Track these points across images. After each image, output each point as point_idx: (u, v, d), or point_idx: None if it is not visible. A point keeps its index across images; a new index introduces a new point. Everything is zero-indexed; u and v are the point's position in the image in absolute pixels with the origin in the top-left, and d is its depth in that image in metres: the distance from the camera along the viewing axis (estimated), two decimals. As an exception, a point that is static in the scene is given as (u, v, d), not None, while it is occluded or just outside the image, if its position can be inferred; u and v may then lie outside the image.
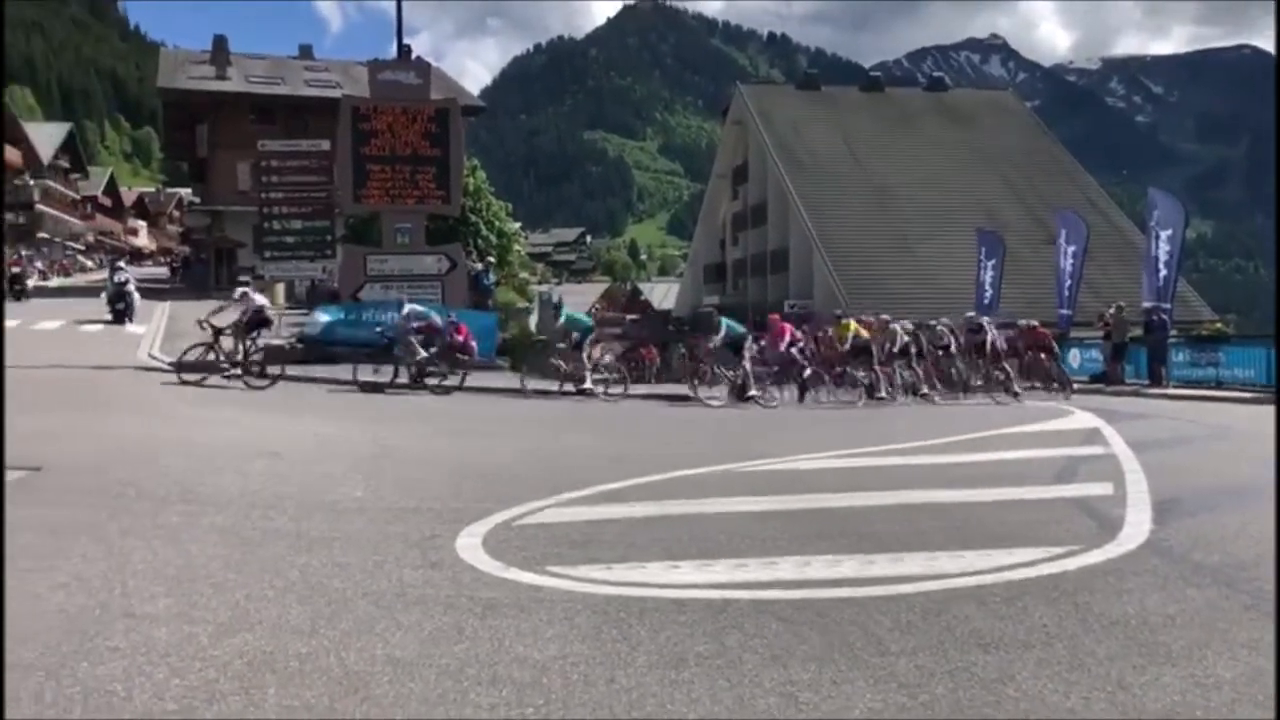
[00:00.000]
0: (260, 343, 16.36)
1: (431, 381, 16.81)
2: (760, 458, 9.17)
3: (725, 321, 18.00)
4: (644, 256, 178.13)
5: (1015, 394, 18.77)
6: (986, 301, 29.08)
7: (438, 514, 6.15)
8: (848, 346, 18.44)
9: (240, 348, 15.94)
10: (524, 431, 12.07)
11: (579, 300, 45.72)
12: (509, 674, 3.48)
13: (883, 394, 17.97)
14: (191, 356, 15.67)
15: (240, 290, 17.04)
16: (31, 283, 17.97)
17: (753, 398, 16.70)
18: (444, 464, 8.55)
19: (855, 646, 3.85)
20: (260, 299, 16.75)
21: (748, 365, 16.97)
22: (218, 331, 15.86)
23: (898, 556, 5.33)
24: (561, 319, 17.81)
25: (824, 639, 3.93)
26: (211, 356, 15.75)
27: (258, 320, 16.16)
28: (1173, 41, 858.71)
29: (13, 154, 54.42)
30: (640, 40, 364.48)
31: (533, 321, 17.32)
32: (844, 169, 48.00)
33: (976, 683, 3.51)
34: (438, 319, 17.40)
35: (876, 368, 18.20)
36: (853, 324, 18.97)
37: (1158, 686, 3.50)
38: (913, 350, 19.13)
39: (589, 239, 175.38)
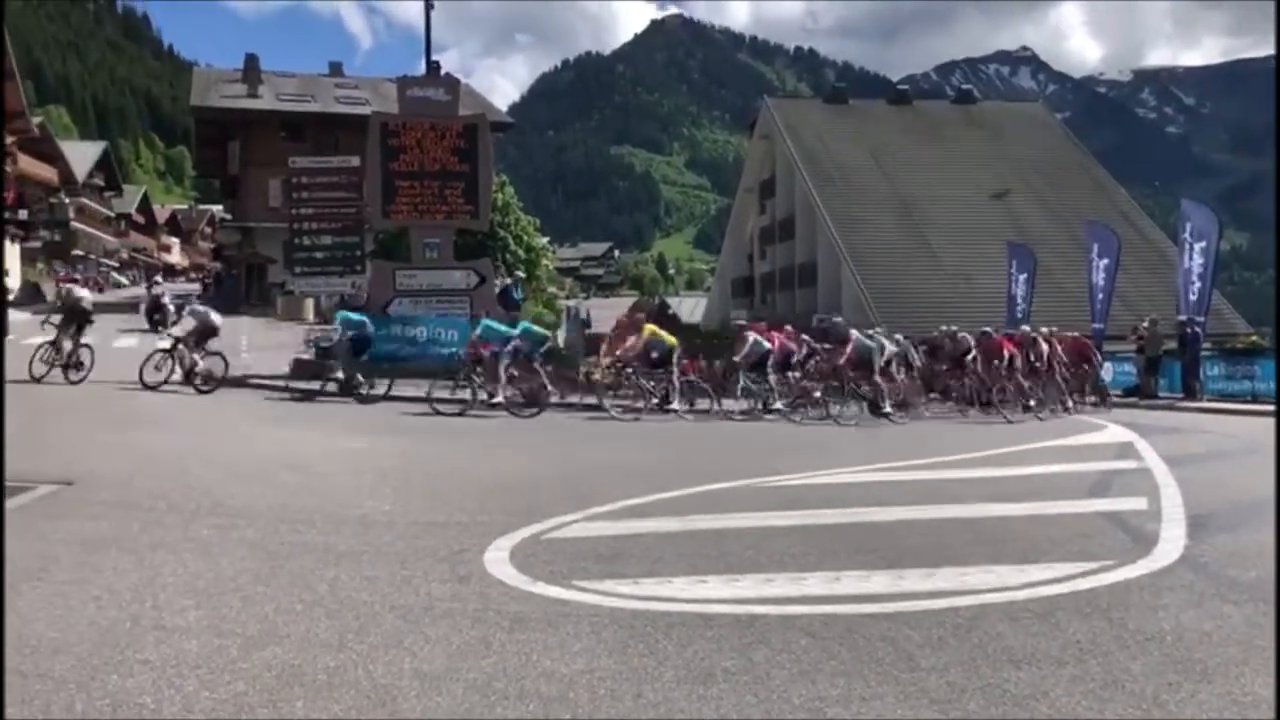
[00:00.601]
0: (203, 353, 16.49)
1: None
2: (784, 473, 9.13)
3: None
4: (672, 270, 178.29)
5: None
6: (1019, 315, 28.84)
7: (465, 528, 6.16)
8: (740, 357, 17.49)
9: (189, 358, 16.25)
10: (551, 445, 12.07)
11: (604, 315, 45.68)
12: (536, 688, 3.48)
13: (886, 409, 17.03)
14: (152, 364, 15.98)
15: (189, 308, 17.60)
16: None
17: (674, 410, 16.19)
18: (471, 477, 8.56)
19: (885, 662, 3.81)
20: (208, 317, 17.02)
21: (674, 378, 16.62)
22: (177, 340, 16.37)
23: (929, 571, 5.28)
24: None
25: (853, 654, 3.89)
26: (171, 364, 16.10)
27: (204, 330, 16.56)
28: (1204, 52, 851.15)
29: (49, 171, 55.32)
30: (668, 55, 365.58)
31: (560, 336, 17.13)
32: (872, 182, 47.84)
33: (1009, 699, 3.46)
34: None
35: (879, 379, 17.38)
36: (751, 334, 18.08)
37: (1194, 704, 3.45)
38: (893, 364, 18.14)
39: (617, 253, 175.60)
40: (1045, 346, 19.29)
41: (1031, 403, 18.17)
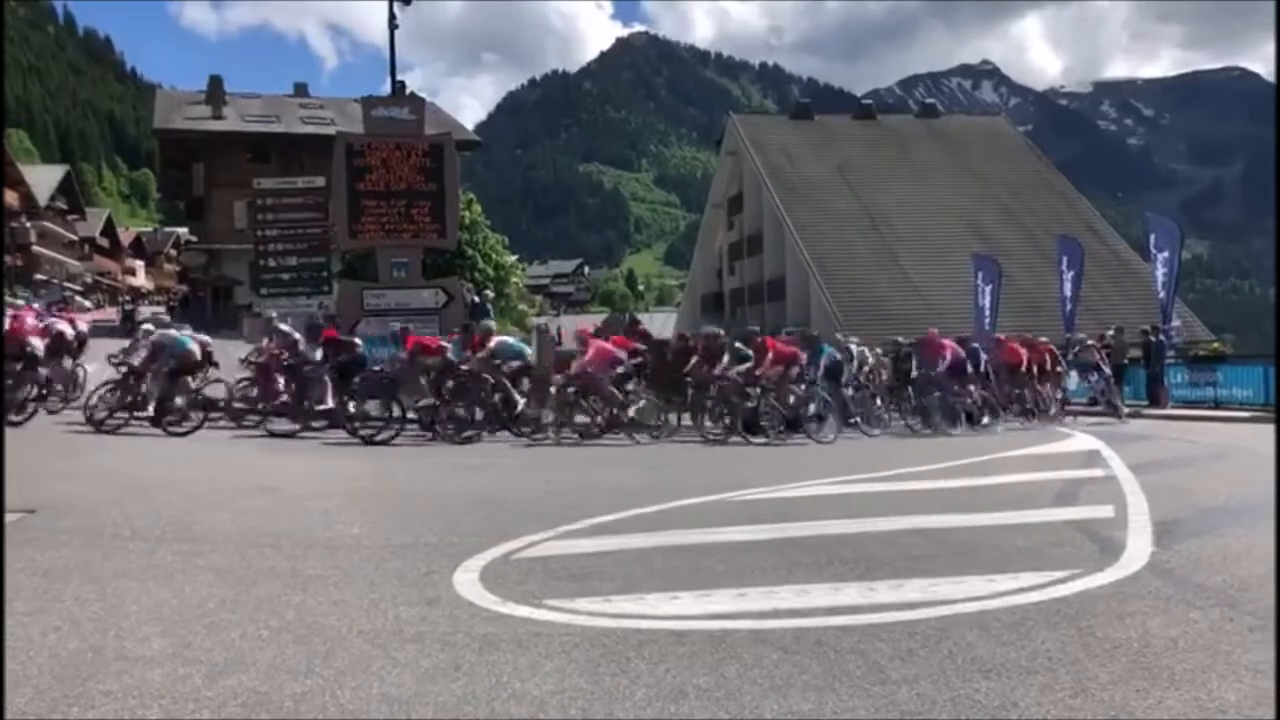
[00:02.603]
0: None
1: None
2: (755, 486, 9.13)
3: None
4: (641, 287, 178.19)
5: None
6: (986, 326, 29.11)
7: (435, 549, 6.11)
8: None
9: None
10: (525, 465, 12.03)
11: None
12: (507, 710, 3.45)
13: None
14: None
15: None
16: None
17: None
18: (441, 498, 8.51)
19: (855, 675, 3.81)
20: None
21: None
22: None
23: (898, 583, 5.30)
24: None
25: (824, 668, 3.89)
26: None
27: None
28: (1161, 65, 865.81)
29: (11, 196, 54.84)
30: (634, 73, 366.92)
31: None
32: (838, 196, 48.15)
33: (979, 710, 3.47)
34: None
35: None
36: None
37: (1161, 710, 3.47)
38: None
39: (586, 270, 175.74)
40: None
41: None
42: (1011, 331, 22.71)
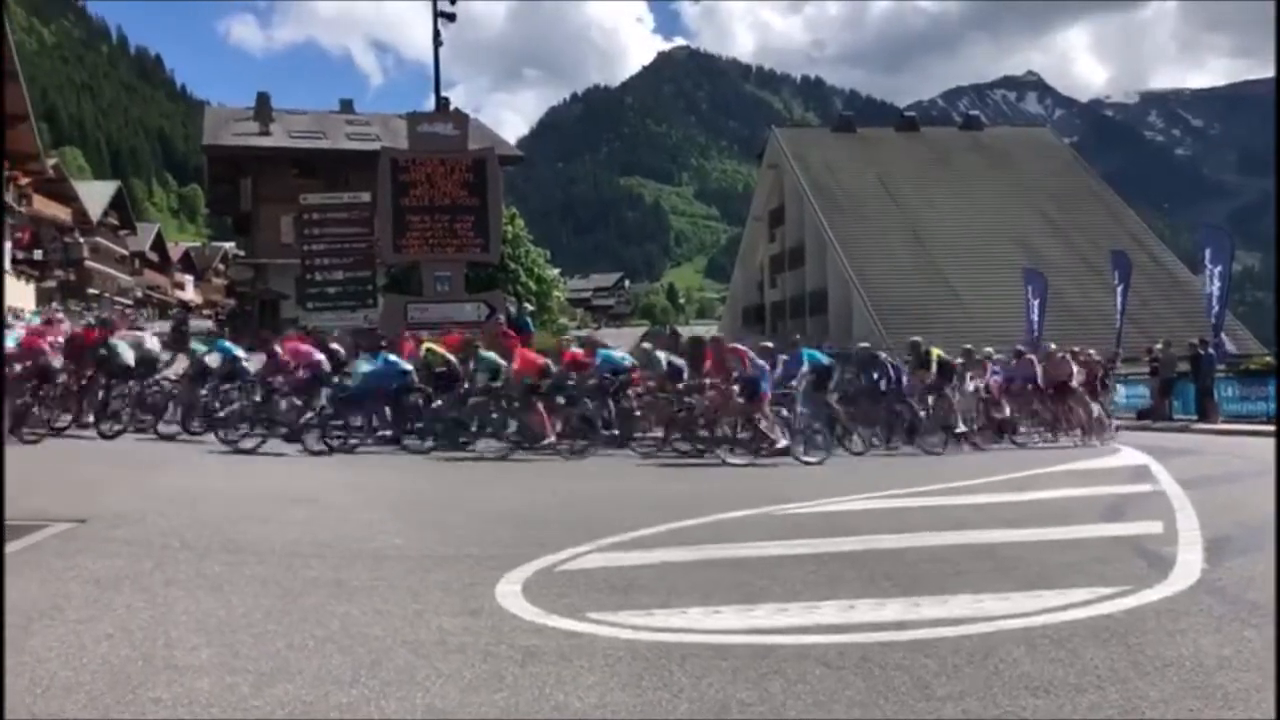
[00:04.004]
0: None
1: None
2: (797, 500, 9.09)
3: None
4: (682, 300, 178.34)
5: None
6: (1035, 337, 28.82)
7: (478, 560, 6.14)
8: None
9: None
10: (561, 477, 12.05)
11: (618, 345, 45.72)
12: (549, 722, 3.45)
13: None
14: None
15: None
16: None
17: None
18: (484, 509, 8.55)
19: (901, 692, 3.77)
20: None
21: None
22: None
23: (943, 599, 5.24)
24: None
25: (868, 684, 3.86)
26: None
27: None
28: (1209, 74, 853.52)
29: (64, 211, 55.99)
30: (675, 87, 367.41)
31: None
32: (881, 209, 47.96)
33: (1026, 728, 3.42)
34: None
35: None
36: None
37: (1215, 731, 3.40)
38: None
39: (627, 284, 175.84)
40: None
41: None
42: (1058, 345, 22.40)
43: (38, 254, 50.98)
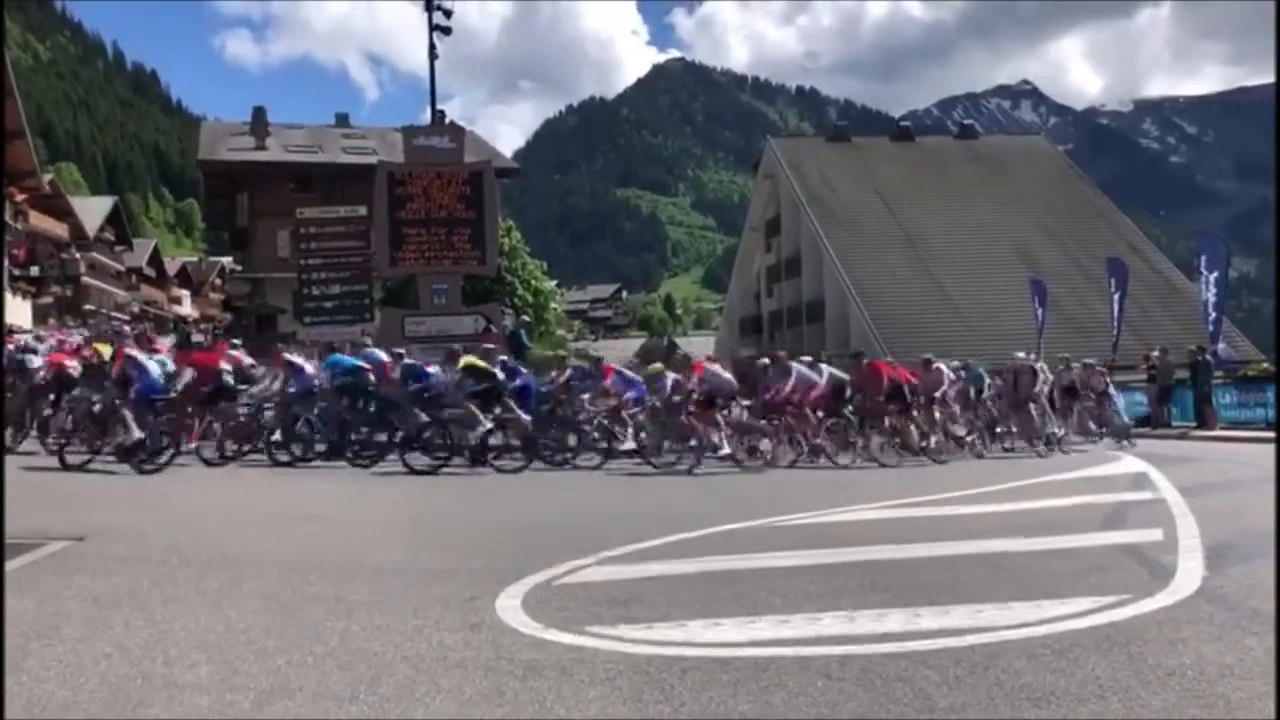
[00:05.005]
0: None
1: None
2: (798, 511, 9.08)
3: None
4: (679, 310, 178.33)
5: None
6: (1039, 346, 28.82)
7: (477, 575, 6.12)
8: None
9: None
10: (561, 491, 12.04)
11: (614, 357, 45.73)
12: (550, 738, 3.44)
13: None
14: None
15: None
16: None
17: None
18: (483, 524, 8.54)
19: (902, 703, 3.76)
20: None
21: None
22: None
23: (944, 609, 5.23)
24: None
25: (870, 695, 3.85)
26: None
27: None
28: (1204, 81, 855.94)
29: (60, 227, 55.93)
30: (671, 98, 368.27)
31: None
32: (876, 218, 48.06)
33: (1029, 739, 3.41)
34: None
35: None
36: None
37: (1218, 740, 3.40)
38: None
39: (624, 295, 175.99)
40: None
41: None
42: (1057, 353, 22.39)
43: (34, 270, 50.93)
